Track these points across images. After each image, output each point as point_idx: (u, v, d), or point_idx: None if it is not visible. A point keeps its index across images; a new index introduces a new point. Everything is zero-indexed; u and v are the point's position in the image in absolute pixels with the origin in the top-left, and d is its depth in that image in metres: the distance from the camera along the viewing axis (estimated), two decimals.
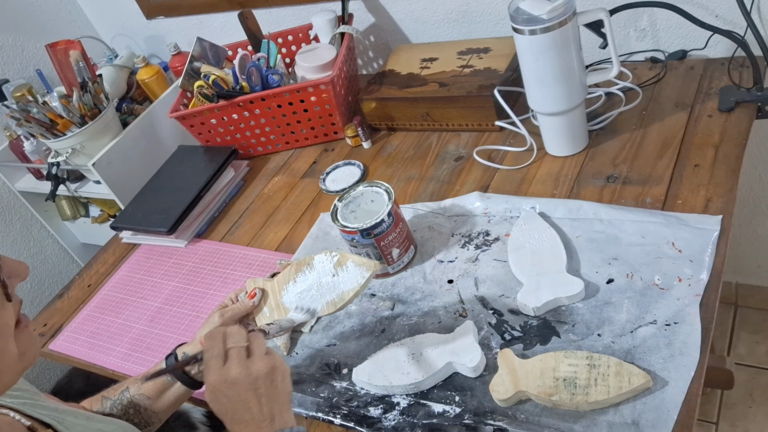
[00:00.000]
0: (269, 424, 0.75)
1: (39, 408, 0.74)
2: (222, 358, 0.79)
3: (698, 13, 1.15)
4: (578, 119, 1.15)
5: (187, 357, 0.88)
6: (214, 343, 0.80)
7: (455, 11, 1.50)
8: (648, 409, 0.78)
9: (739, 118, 1.12)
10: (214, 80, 1.45)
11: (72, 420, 0.77)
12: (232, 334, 0.81)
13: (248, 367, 0.77)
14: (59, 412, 0.76)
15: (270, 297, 0.99)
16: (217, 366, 0.78)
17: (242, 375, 0.76)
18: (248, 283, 1.02)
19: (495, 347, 0.92)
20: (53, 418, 0.74)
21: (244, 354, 0.79)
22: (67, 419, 0.76)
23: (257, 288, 1.00)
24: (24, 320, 0.62)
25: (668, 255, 0.94)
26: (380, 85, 1.42)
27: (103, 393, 0.96)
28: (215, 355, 0.79)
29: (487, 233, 1.10)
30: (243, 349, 0.79)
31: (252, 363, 0.78)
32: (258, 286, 1.00)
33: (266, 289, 1.00)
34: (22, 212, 2.05)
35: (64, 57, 1.59)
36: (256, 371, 0.77)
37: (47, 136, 1.59)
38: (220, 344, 0.80)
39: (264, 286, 1.00)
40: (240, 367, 0.77)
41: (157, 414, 0.95)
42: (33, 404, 0.74)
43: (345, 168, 1.39)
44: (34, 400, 0.75)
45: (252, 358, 0.78)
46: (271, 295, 0.99)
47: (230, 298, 1.01)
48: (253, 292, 0.99)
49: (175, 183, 1.47)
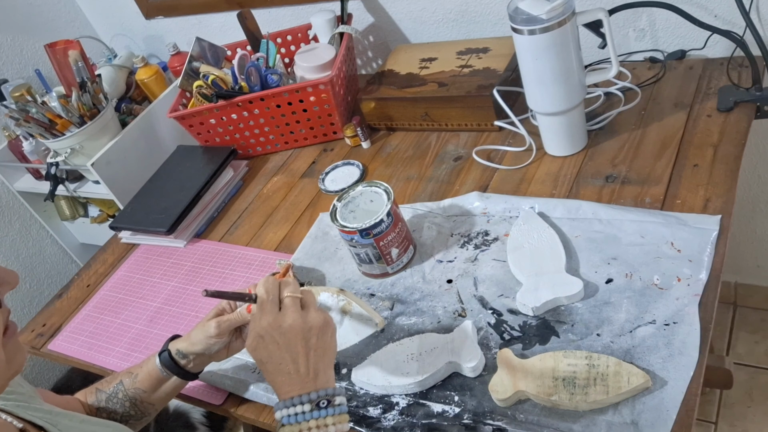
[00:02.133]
0: (313, 380, 0.75)
1: (32, 410, 0.74)
2: (277, 304, 0.79)
3: (697, 13, 1.15)
4: (577, 119, 1.15)
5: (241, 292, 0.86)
6: (270, 288, 0.80)
7: (454, 11, 1.50)
8: (647, 409, 0.78)
9: (738, 117, 1.12)
10: (213, 80, 1.45)
11: (66, 422, 0.76)
12: (288, 284, 0.81)
13: (304, 317, 0.77)
14: (53, 415, 0.76)
15: None
16: (273, 310, 0.78)
17: (298, 323, 0.76)
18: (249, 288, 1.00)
19: (494, 347, 0.92)
20: (46, 421, 0.74)
21: (299, 303, 0.79)
22: (61, 422, 0.76)
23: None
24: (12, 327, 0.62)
25: (667, 255, 0.94)
26: (379, 85, 1.42)
27: (96, 385, 0.96)
28: (271, 300, 0.79)
29: (486, 233, 1.10)
30: (298, 300, 0.79)
31: (308, 313, 0.78)
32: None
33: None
34: (21, 212, 2.05)
35: (63, 57, 1.59)
36: (311, 321, 0.77)
37: (46, 136, 1.59)
38: (276, 290, 0.80)
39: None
40: (296, 314, 0.77)
41: (153, 405, 0.95)
42: (26, 407, 0.74)
43: (344, 168, 1.39)
44: (27, 403, 0.75)
45: (307, 309, 0.79)
46: None
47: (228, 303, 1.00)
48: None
49: (174, 183, 1.47)
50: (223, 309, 0.95)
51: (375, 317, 0.87)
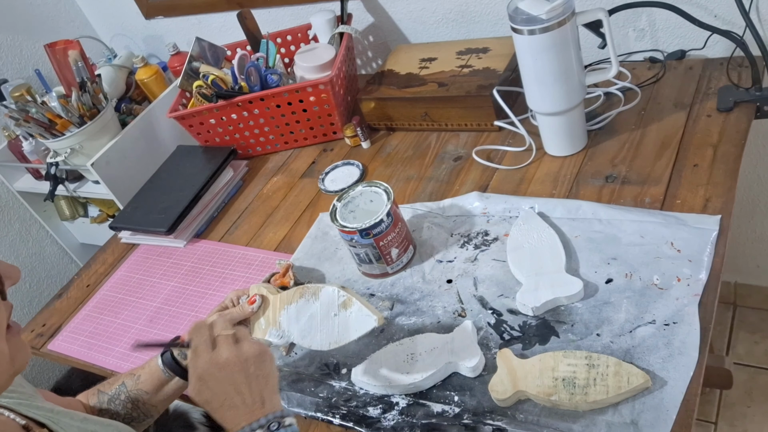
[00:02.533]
0: (260, 407, 0.76)
1: (34, 408, 0.74)
2: (210, 344, 0.81)
3: (697, 13, 1.15)
4: (577, 119, 1.15)
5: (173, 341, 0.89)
6: (201, 332, 0.82)
7: (454, 11, 1.50)
8: (647, 409, 0.78)
9: (738, 118, 1.12)
10: (213, 80, 1.45)
11: (67, 421, 0.77)
12: (218, 323, 0.83)
13: (239, 349, 0.79)
14: (55, 413, 0.76)
15: (269, 309, 0.96)
16: (207, 351, 0.80)
17: (233, 356, 0.78)
18: (252, 288, 1.00)
19: (494, 347, 0.92)
20: (48, 419, 0.74)
21: (231, 340, 0.81)
22: (62, 420, 0.76)
23: (258, 295, 0.97)
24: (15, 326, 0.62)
25: (667, 255, 0.94)
26: (379, 85, 1.42)
27: (99, 387, 0.96)
28: (203, 341, 0.81)
29: (486, 233, 1.10)
30: (230, 336, 0.81)
31: (241, 346, 0.80)
32: (260, 294, 0.97)
33: (268, 299, 0.97)
34: (21, 212, 2.05)
35: (62, 57, 1.59)
36: (246, 353, 0.79)
37: (46, 136, 1.58)
38: (206, 332, 0.82)
39: (267, 295, 0.97)
40: (230, 349, 0.79)
41: (155, 407, 0.95)
42: (29, 405, 0.74)
43: (344, 168, 1.39)
44: (30, 401, 0.75)
45: (240, 343, 0.80)
46: (270, 308, 0.96)
47: (231, 299, 0.99)
48: (253, 298, 0.96)
49: (174, 183, 1.47)
50: (225, 306, 0.97)
51: (374, 314, 0.88)
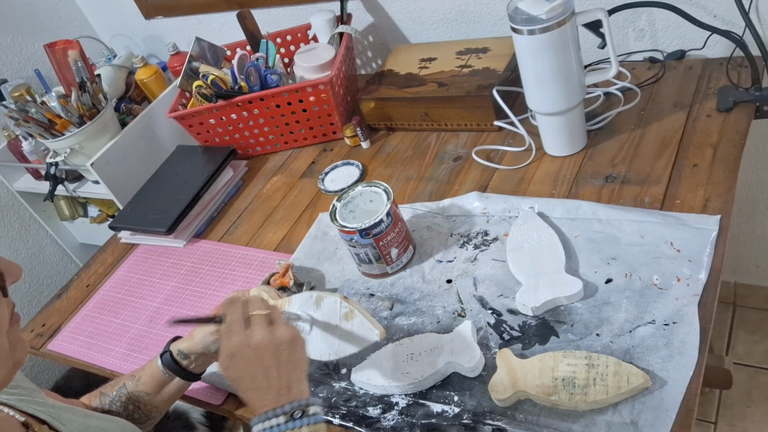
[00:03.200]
0: (287, 392, 0.75)
1: (35, 404, 0.74)
2: (244, 323, 0.79)
3: (697, 13, 1.15)
4: (577, 119, 1.15)
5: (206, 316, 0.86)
6: (236, 308, 0.80)
7: (454, 11, 1.50)
8: (647, 409, 0.78)
9: (738, 118, 1.12)
10: (212, 80, 1.45)
11: (69, 417, 0.77)
12: (254, 301, 0.81)
13: (272, 332, 0.77)
14: (56, 409, 0.76)
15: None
16: (240, 329, 0.78)
17: (266, 339, 0.76)
18: (252, 291, 0.99)
19: (494, 347, 0.92)
20: (49, 415, 0.74)
21: (266, 320, 0.79)
22: (64, 416, 0.76)
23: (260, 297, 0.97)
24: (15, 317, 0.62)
25: (667, 255, 0.94)
26: (379, 85, 1.42)
27: (101, 389, 0.96)
28: (237, 319, 0.79)
29: (485, 233, 1.10)
30: (265, 316, 0.79)
31: (275, 329, 0.78)
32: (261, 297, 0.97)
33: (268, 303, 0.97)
34: (21, 212, 2.04)
35: (62, 57, 1.59)
36: (279, 337, 0.77)
37: (46, 136, 1.58)
38: (241, 309, 0.80)
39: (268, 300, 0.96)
40: (264, 331, 0.77)
41: (157, 408, 0.95)
42: (29, 401, 0.74)
43: (344, 168, 1.39)
44: (31, 397, 0.75)
45: (275, 325, 0.79)
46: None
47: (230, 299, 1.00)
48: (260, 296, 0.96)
49: (173, 183, 1.47)
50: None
51: (376, 327, 0.87)
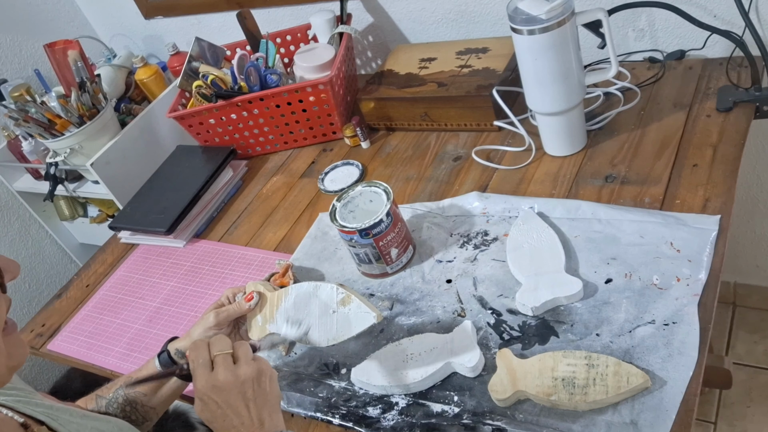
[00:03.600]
0: (259, 428, 0.76)
1: (33, 405, 0.74)
2: (208, 365, 0.80)
3: (696, 13, 1.15)
4: (577, 119, 1.15)
5: (171, 368, 0.89)
6: (199, 352, 0.81)
7: (454, 11, 1.50)
8: (646, 409, 0.78)
9: (738, 118, 1.12)
10: (212, 80, 1.45)
11: (66, 417, 0.77)
12: (217, 342, 0.82)
13: (235, 372, 0.78)
14: (54, 410, 0.76)
15: (266, 306, 0.96)
16: (205, 373, 0.79)
17: (230, 379, 0.78)
18: (248, 285, 1.00)
19: (494, 347, 0.92)
20: (47, 415, 0.74)
21: (230, 360, 0.80)
22: (61, 416, 0.76)
23: (255, 292, 0.98)
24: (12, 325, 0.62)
25: (666, 255, 0.94)
26: (379, 85, 1.42)
27: (97, 392, 0.96)
28: (201, 363, 0.80)
29: (485, 233, 1.10)
30: (228, 356, 0.81)
31: (239, 368, 0.79)
32: (258, 291, 0.98)
33: (265, 296, 0.97)
34: (21, 212, 2.04)
35: (62, 57, 1.59)
36: (243, 375, 0.78)
37: (45, 136, 1.58)
38: (205, 352, 0.81)
39: (264, 292, 0.98)
40: (227, 372, 0.78)
41: (154, 409, 0.95)
42: (27, 402, 0.74)
43: (343, 168, 1.39)
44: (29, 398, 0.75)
45: (238, 363, 0.80)
46: (267, 305, 0.96)
47: (227, 296, 1.00)
48: (250, 295, 0.97)
49: (173, 183, 1.47)
50: (221, 303, 0.98)
51: (373, 311, 0.88)
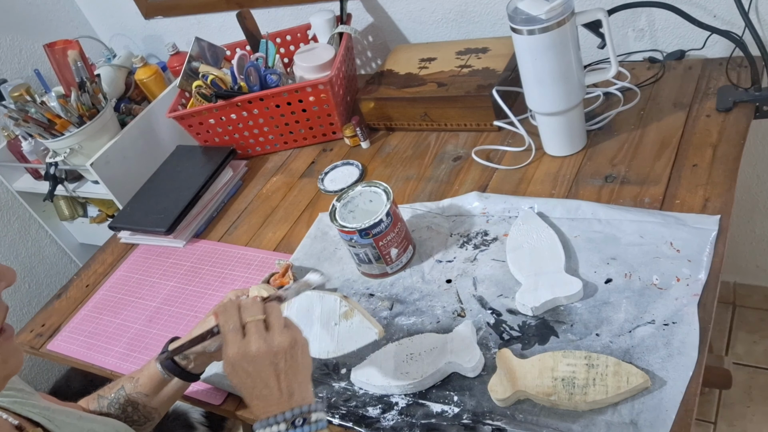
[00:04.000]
0: (288, 399, 0.74)
1: (29, 407, 0.74)
2: (240, 331, 0.76)
3: (696, 14, 1.15)
4: (576, 119, 1.15)
5: (203, 332, 0.85)
6: (230, 316, 0.77)
7: (453, 11, 1.50)
8: (646, 409, 0.78)
9: (737, 118, 1.12)
10: (212, 80, 1.45)
11: (63, 419, 0.76)
12: (248, 307, 0.78)
13: (268, 342, 0.75)
14: (51, 411, 0.76)
15: None
16: (236, 340, 0.76)
17: (263, 350, 0.74)
18: (252, 290, 0.99)
19: (493, 347, 0.92)
20: (44, 417, 0.74)
21: (262, 327, 0.76)
22: (57, 418, 0.76)
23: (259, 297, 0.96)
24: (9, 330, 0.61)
25: (666, 255, 0.94)
26: (379, 85, 1.42)
27: (99, 392, 0.96)
28: (232, 329, 0.76)
29: (485, 233, 1.10)
30: (261, 322, 0.77)
31: (272, 337, 0.75)
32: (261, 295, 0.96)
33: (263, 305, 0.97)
34: (20, 212, 2.04)
35: (62, 57, 1.59)
36: (276, 346, 0.75)
37: (45, 136, 1.58)
38: (236, 317, 0.77)
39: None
40: (260, 341, 0.74)
41: (156, 409, 0.95)
42: (23, 403, 0.74)
43: (343, 168, 1.39)
44: (25, 399, 0.75)
45: (271, 332, 0.76)
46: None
47: (230, 298, 1.00)
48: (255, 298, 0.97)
49: (173, 183, 1.47)
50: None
51: (375, 326, 0.87)
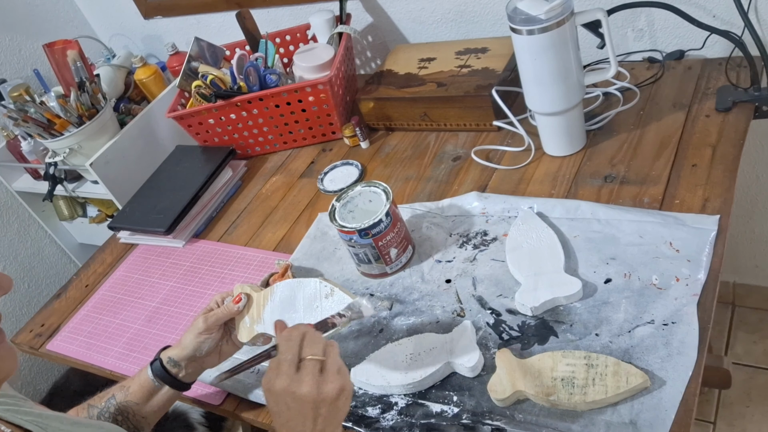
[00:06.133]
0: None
1: (22, 414, 0.74)
2: (295, 364, 0.75)
3: (696, 14, 1.15)
4: (576, 119, 1.15)
5: (262, 352, 0.84)
6: (291, 346, 0.77)
7: (453, 11, 1.50)
8: (646, 409, 0.78)
9: (737, 118, 1.12)
10: (211, 80, 1.45)
11: (56, 425, 0.76)
12: (311, 343, 0.77)
13: (320, 387, 0.74)
14: (43, 418, 0.76)
15: (253, 306, 0.96)
16: (289, 373, 0.75)
17: (312, 394, 0.74)
18: (236, 288, 0.99)
19: (493, 347, 0.92)
20: (36, 424, 0.74)
21: (318, 369, 0.75)
22: (51, 424, 0.75)
23: (243, 293, 0.97)
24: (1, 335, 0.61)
25: (666, 255, 0.94)
26: (378, 85, 1.42)
27: (89, 401, 0.95)
28: (289, 360, 0.76)
29: (485, 233, 1.10)
30: (318, 363, 0.76)
31: (324, 383, 0.75)
32: (245, 292, 0.97)
33: (252, 296, 0.97)
34: (20, 212, 2.04)
35: (61, 57, 1.59)
36: (326, 392, 0.74)
37: (45, 136, 1.58)
38: (296, 349, 0.77)
39: (251, 293, 0.97)
40: (312, 384, 0.74)
41: (146, 419, 0.94)
42: (16, 410, 0.73)
43: (343, 168, 1.39)
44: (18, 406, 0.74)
45: (324, 377, 0.75)
46: (254, 305, 0.96)
47: (216, 301, 0.98)
48: (238, 297, 0.96)
49: (172, 183, 1.47)
50: (211, 308, 0.97)
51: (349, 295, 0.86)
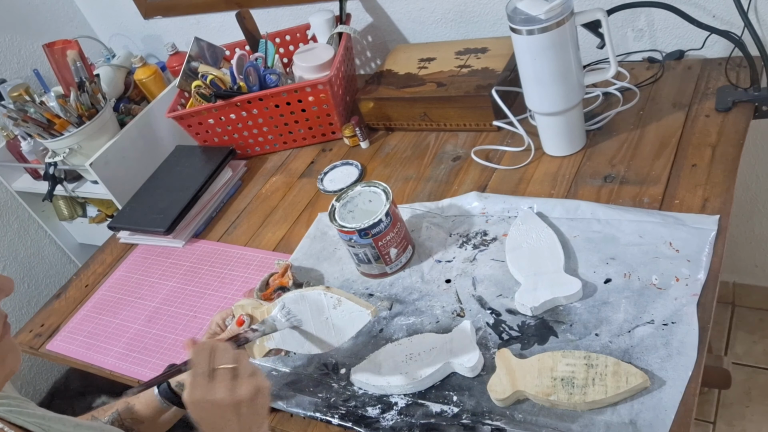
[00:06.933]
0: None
1: (25, 416, 0.74)
2: (207, 376, 0.79)
3: (695, 14, 1.15)
4: (576, 119, 1.15)
5: (173, 369, 0.88)
6: (201, 359, 0.80)
7: (453, 11, 1.50)
8: (645, 409, 0.78)
9: (737, 118, 1.12)
10: (211, 80, 1.45)
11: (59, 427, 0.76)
12: (220, 353, 0.81)
13: (233, 391, 0.77)
14: (46, 420, 0.76)
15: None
16: (203, 383, 0.78)
17: (227, 398, 0.77)
18: (235, 308, 1.00)
19: (493, 347, 0.92)
20: (39, 426, 0.74)
21: (230, 376, 0.79)
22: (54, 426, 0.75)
23: (245, 314, 0.97)
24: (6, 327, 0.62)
25: (665, 255, 0.94)
26: (378, 85, 1.42)
27: (93, 413, 0.96)
28: (201, 373, 0.79)
29: (484, 233, 1.10)
30: (229, 372, 0.79)
31: (237, 386, 0.78)
32: (246, 312, 0.98)
33: (254, 315, 0.97)
34: (20, 212, 2.04)
35: (61, 57, 1.59)
36: (240, 394, 0.77)
37: (44, 136, 1.58)
38: (207, 361, 0.80)
39: (252, 312, 0.97)
40: (225, 390, 0.77)
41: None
42: (19, 412, 0.74)
43: (343, 168, 1.39)
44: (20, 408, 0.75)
45: (238, 381, 0.78)
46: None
47: (216, 323, 1.00)
48: (240, 319, 0.97)
49: (172, 183, 1.47)
50: (214, 332, 0.99)
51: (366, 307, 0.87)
